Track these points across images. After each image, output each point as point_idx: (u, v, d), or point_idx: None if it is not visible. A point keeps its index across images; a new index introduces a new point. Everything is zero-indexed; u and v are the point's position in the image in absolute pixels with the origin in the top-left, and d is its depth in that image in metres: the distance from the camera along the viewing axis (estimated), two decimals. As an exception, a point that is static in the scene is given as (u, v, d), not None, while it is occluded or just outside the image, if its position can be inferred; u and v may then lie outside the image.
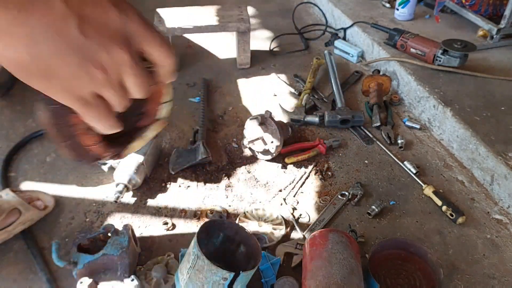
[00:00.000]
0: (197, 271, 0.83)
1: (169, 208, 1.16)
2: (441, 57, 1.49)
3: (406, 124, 1.45)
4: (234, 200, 1.19)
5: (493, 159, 1.16)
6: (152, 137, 0.50)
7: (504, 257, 1.03)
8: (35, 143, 1.38)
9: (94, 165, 1.25)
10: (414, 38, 1.59)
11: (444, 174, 1.27)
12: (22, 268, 1.00)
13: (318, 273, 0.85)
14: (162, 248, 1.05)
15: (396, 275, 0.98)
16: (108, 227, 0.99)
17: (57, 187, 1.22)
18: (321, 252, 0.89)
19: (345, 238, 0.93)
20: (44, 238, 1.07)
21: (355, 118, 1.41)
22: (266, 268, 0.98)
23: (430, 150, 1.36)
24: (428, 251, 0.97)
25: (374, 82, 1.56)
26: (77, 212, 1.15)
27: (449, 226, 1.11)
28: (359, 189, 1.18)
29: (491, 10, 1.74)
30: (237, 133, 1.42)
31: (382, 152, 1.34)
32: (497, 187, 1.17)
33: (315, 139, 1.34)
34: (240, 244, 0.98)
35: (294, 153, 1.31)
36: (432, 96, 1.40)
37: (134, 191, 1.20)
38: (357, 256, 0.92)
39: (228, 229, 0.97)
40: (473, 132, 1.24)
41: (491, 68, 1.54)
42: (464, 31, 1.80)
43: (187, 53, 1.91)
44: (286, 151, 1.32)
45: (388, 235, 1.08)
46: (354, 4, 2.11)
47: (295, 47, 1.94)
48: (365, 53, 1.85)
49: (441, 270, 0.92)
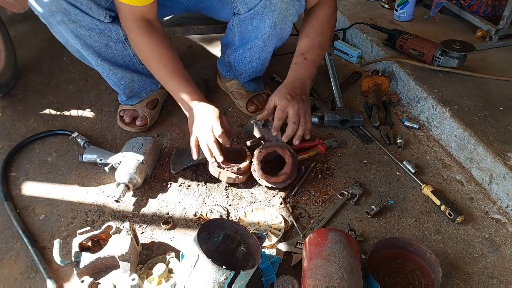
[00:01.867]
0: (198, 270, 0.84)
1: (169, 207, 1.17)
2: (440, 58, 1.49)
3: (405, 124, 1.46)
4: (234, 200, 1.19)
5: (491, 158, 1.17)
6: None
7: (503, 257, 1.04)
8: (36, 143, 1.39)
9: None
10: (413, 39, 1.59)
11: (442, 173, 1.28)
12: (23, 268, 1.01)
13: (317, 272, 0.86)
14: (162, 247, 1.06)
15: (395, 274, 0.99)
16: (109, 227, 0.99)
17: (58, 187, 1.23)
18: (320, 251, 0.90)
19: (344, 237, 0.93)
20: (46, 238, 1.08)
21: (354, 118, 1.42)
22: (266, 267, 0.98)
23: (429, 150, 1.37)
24: (427, 250, 0.97)
25: (373, 82, 1.57)
26: (79, 211, 1.15)
27: (447, 226, 1.11)
28: (358, 188, 1.19)
29: (489, 10, 1.75)
30: (237, 133, 1.43)
31: (381, 152, 1.35)
32: (496, 187, 1.18)
33: (315, 139, 1.35)
34: (241, 243, 0.98)
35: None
36: (430, 96, 1.40)
37: (135, 191, 1.21)
38: (357, 255, 0.92)
39: (228, 228, 0.98)
40: (471, 132, 1.24)
41: (489, 69, 1.55)
42: (463, 31, 1.81)
43: (187, 53, 1.92)
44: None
45: (387, 234, 1.09)
46: (353, 5, 2.12)
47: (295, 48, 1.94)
48: (364, 54, 1.86)
49: (440, 269, 0.93)
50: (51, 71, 1.77)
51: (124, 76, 1.35)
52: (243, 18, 1.22)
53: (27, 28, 2.10)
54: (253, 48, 1.30)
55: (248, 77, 1.46)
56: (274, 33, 1.25)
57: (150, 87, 1.46)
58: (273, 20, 1.18)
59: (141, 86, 1.43)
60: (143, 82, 1.42)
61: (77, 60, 1.37)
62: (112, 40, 1.24)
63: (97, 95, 1.63)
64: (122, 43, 1.26)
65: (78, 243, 0.96)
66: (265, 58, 1.38)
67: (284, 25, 1.24)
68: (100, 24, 1.18)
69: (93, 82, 1.70)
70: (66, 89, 1.67)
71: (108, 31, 1.21)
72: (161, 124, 1.48)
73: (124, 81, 1.36)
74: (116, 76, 1.33)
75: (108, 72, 1.32)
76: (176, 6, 1.45)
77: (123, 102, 1.45)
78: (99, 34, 1.20)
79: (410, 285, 0.97)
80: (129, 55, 1.31)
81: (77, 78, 1.73)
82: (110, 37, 1.23)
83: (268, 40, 1.27)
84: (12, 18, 2.09)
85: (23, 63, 1.79)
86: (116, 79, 1.34)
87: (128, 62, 1.35)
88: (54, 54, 1.88)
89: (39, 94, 1.63)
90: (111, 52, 1.28)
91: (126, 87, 1.38)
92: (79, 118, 1.51)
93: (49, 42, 1.95)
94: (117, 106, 1.50)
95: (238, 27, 1.27)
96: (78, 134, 1.35)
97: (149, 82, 1.44)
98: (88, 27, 1.17)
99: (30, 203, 1.18)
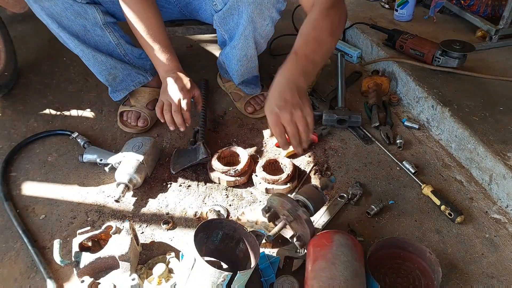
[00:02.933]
0: (195, 273, 0.84)
1: (169, 207, 1.17)
2: (439, 58, 1.49)
3: (405, 124, 1.46)
4: (234, 200, 1.19)
5: (491, 158, 1.17)
6: None
7: (503, 256, 1.04)
8: (36, 143, 1.39)
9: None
10: (413, 39, 1.59)
11: (442, 173, 1.28)
12: (23, 268, 1.01)
13: (321, 274, 0.85)
14: (162, 247, 1.06)
15: (395, 274, 0.99)
16: (109, 227, 0.99)
17: (58, 187, 1.23)
18: (325, 253, 0.89)
19: (350, 240, 0.93)
20: (46, 238, 1.08)
21: (351, 118, 1.42)
22: (265, 267, 0.98)
23: (429, 150, 1.37)
24: (427, 250, 0.97)
25: (373, 82, 1.57)
26: (79, 211, 1.15)
27: (447, 226, 1.11)
28: (358, 188, 1.19)
29: (489, 10, 1.75)
30: (237, 133, 1.43)
31: (381, 152, 1.35)
32: (496, 187, 1.18)
33: None
34: (240, 242, 0.98)
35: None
36: (430, 96, 1.40)
37: (135, 191, 1.21)
38: (361, 259, 0.91)
39: (227, 227, 0.98)
40: (471, 132, 1.24)
41: (489, 69, 1.55)
42: (463, 31, 1.81)
43: (187, 53, 1.92)
44: (279, 145, 1.34)
45: (387, 234, 1.09)
46: (354, 5, 2.12)
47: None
48: (364, 54, 1.86)
49: (440, 269, 0.92)
50: (51, 71, 1.77)
51: (105, 61, 1.33)
52: (222, 15, 1.22)
53: (27, 28, 2.10)
54: (237, 46, 1.29)
55: (242, 77, 1.44)
56: (253, 28, 1.22)
57: (138, 79, 1.43)
58: (249, 14, 1.16)
59: (125, 75, 1.40)
60: (128, 71, 1.40)
61: (77, 60, 1.37)
62: (89, 24, 1.24)
63: (97, 95, 1.63)
64: (100, 28, 1.26)
65: (78, 243, 0.96)
66: (252, 55, 1.34)
67: (263, 20, 1.22)
68: (74, 3, 1.18)
69: (93, 82, 1.70)
70: (66, 89, 1.67)
71: (84, 13, 1.21)
72: (161, 124, 1.47)
73: (105, 66, 1.34)
74: (96, 60, 1.32)
75: (88, 55, 1.30)
76: (171, 9, 1.46)
77: (114, 98, 1.45)
78: (74, 15, 1.20)
79: (410, 285, 0.97)
80: (110, 42, 1.31)
81: (77, 78, 1.73)
82: (87, 19, 1.23)
83: (248, 36, 1.24)
84: (12, 18, 2.10)
85: (23, 63, 1.79)
86: (97, 64, 1.33)
87: (112, 51, 1.34)
88: (54, 54, 1.88)
89: (39, 94, 1.63)
90: (90, 38, 1.28)
91: (108, 73, 1.36)
92: (79, 118, 1.51)
93: (49, 42, 1.95)
94: (117, 107, 1.50)
95: (222, 25, 1.26)
96: (78, 134, 1.35)
97: (136, 73, 1.42)
98: (64, 6, 1.17)
99: (30, 203, 1.18)
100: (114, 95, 1.45)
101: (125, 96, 1.46)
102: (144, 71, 1.44)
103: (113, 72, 1.37)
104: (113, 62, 1.34)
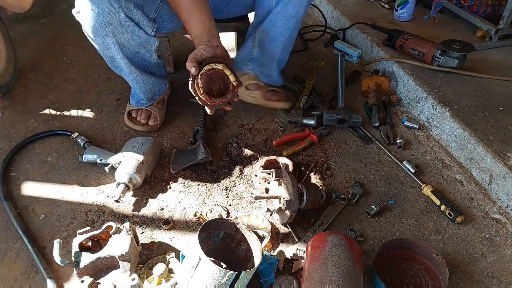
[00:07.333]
0: (200, 272, 0.84)
1: (169, 207, 1.17)
2: (439, 58, 1.49)
3: (405, 124, 1.46)
4: (234, 200, 1.19)
5: (491, 158, 1.17)
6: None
7: (503, 256, 1.04)
8: (36, 143, 1.39)
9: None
10: (413, 39, 1.59)
11: (442, 173, 1.28)
12: (23, 268, 1.01)
13: (313, 275, 0.86)
14: (162, 247, 1.06)
15: (402, 275, 0.99)
16: (109, 227, 0.99)
17: (58, 187, 1.23)
18: (318, 255, 0.89)
19: (344, 240, 0.92)
20: (45, 238, 1.08)
21: (351, 119, 1.42)
22: (264, 268, 0.98)
23: (429, 150, 1.37)
24: (434, 251, 0.97)
25: (373, 82, 1.57)
26: (79, 211, 1.15)
27: (447, 226, 1.11)
28: (358, 188, 1.19)
29: (489, 10, 1.75)
30: (237, 133, 1.43)
31: (381, 152, 1.35)
32: (496, 187, 1.18)
33: (305, 129, 1.40)
34: (241, 242, 0.98)
35: (288, 145, 1.36)
36: (430, 96, 1.40)
37: (135, 191, 1.21)
38: (357, 259, 0.91)
39: (228, 227, 0.98)
40: (471, 132, 1.24)
41: (489, 69, 1.55)
42: (463, 31, 1.81)
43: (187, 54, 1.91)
44: (278, 143, 1.36)
45: (387, 234, 1.09)
46: (354, 5, 2.12)
47: (294, 48, 1.94)
48: (364, 54, 1.86)
49: (447, 270, 0.92)
50: (51, 71, 1.77)
51: (149, 81, 1.37)
52: None
53: (27, 28, 2.10)
54: (290, 1, 1.26)
55: (273, 58, 1.42)
56: None
57: (163, 88, 1.48)
58: None
59: (159, 88, 1.45)
60: (159, 84, 1.44)
61: (77, 60, 1.37)
62: (143, 49, 1.25)
63: (97, 95, 1.63)
64: (150, 52, 1.28)
65: (78, 243, 0.96)
66: (299, 20, 1.32)
67: None
68: (143, 35, 1.18)
69: (93, 82, 1.70)
70: (66, 89, 1.67)
71: (146, 43, 1.22)
72: (161, 124, 1.48)
73: (149, 86, 1.39)
74: (144, 82, 1.36)
75: (138, 80, 1.33)
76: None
77: (139, 105, 1.45)
78: (136, 44, 1.21)
79: (416, 286, 0.96)
80: (148, 60, 1.32)
81: (77, 78, 1.73)
82: (145, 48, 1.24)
83: None
84: (12, 18, 2.10)
85: (23, 63, 1.79)
86: (144, 85, 1.37)
87: (148, 68, 1.37)
88: (54, 54, 1.88)
89: (39, 94, 1.63)
90: (137, 59, 1.28)
91: (150, 91, 1.41)
92: (79, 118, 1.51)
93: (49, 42, 1.96)
94: (117, 106, 1.50)
95: None
96: (78, 134, 1.35)
97: (163, 84, 1.46)
98: (132, 38, 1.17)
99: (30, 203, 1.18)
100: (143, 103, 1.45)
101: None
102: (164, 79, 1.47)
103: (153, 89, 1.42)
104: (152, 80, 1.38)
